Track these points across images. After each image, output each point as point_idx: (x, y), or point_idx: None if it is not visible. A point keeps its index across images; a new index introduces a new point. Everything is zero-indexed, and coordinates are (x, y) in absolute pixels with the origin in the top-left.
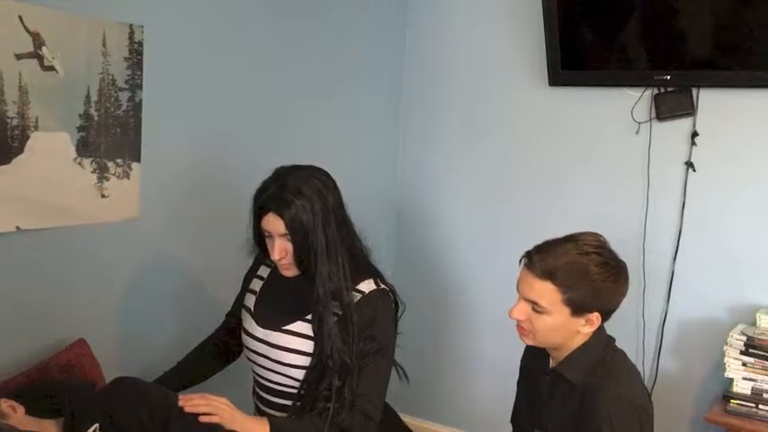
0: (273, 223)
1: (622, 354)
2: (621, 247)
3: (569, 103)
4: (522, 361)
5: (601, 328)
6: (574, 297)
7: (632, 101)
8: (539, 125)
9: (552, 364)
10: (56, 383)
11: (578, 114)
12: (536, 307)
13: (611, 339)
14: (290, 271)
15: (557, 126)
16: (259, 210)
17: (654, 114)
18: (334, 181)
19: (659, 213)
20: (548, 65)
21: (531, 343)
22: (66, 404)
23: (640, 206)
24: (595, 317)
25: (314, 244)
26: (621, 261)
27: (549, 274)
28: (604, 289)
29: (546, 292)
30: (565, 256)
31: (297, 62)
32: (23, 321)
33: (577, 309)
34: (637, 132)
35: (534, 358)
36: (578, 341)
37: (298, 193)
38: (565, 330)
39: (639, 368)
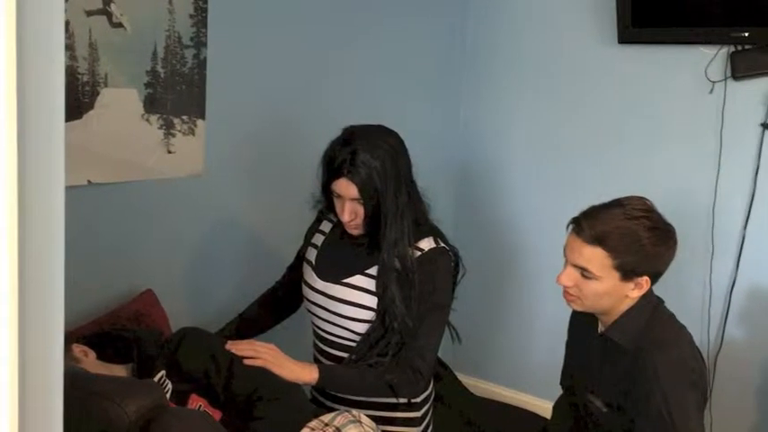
0: (346, 188)
1: (671, 316)
2: (690, 211)
3: (639, 61)
4: (570, 324)
5: (649, 292)
6: (624, 262)
7: (707, 59)
8: (606, 84)
9: (601, 328)
10: (125, 331)
11: (648, 73)
12: (585, 273)
13: (660, 301)
14: (357, 230)
15: (625, 85)
16: (331, 173)
17: (729, 73)
18: (403, 142)
19: (731, 177)
20: (617, 21)
21: (578, 309)
22: (135, 351)
23: (712, 169)
24: (644, 281)
25: (384, 209)
26: (669, 224)
27: (598, 240)
28: (654, 253)
29: (596, 257)
30: (614, 221)
31: (360, 16)
32: (94, 271)
33: (627, 273)
34: (710, 92)
35: (583, 322)
36: (627, 305)
37: (371, 159)
38: (613, 295)
39: (705, 336)
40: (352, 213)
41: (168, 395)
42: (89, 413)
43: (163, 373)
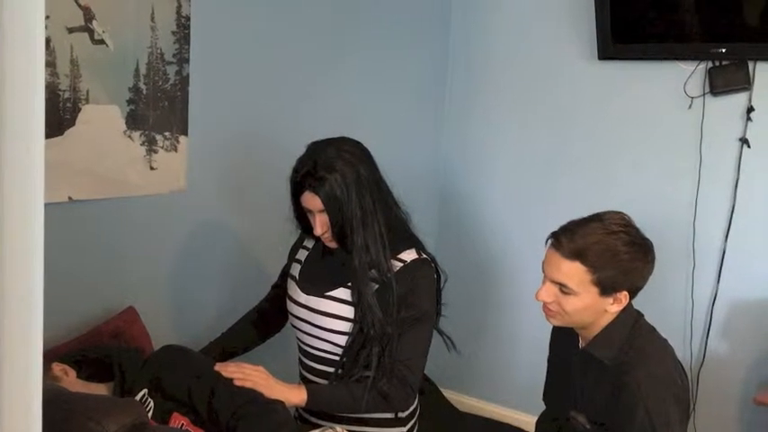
0: (311, 201)
1: (652, 329)
2: (671, 225)
3: (619, 77)
4: (551, 339)
5: (629, 306)
6: (603, 277)
7: (685, 75)
8: (587, 100)
9: (581, 343)
10: (106, 349)
11: (628, 89)
12: (564, 288)
13: (640, 315)
14: (333, 243)
15: (606, 101)
16: (296, 188)
17: (708, 89)
18: (366, 150)
19: (711, 191)
20: (598, 38)
21: (558, 324)
22: (116, 369)
23: (692, 183)
24: (623, 295)
25: (349, 216)
26: (647, 239)
27: (577, 255)
28: (633, 268)
29: (575, 272)
30: (592, 236)
31: (342, 37)
32: (75, 289)
33: (606, 288)
34: (689, 107)
35: (563, 337)
36: (606, 320)
37: (330, 169)
38: (593, 310)
39: (687, 349)
40: (324, 225)
41: (150, 413)
42: None
43: (145, 391)
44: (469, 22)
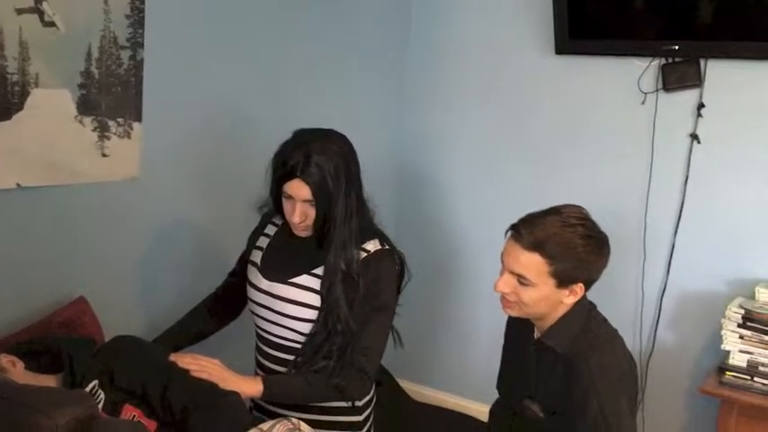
0: (299, 189)
1: (604, 320)
2: (623, 218)
3: (575, 72)
4: (506, 329)
5: (583, 297)
6: (560, 269)
7: (639, 71)
8: (544, 94)
9: (537, 333)
10: (56, 340)
11: (584, 84)
12: (522, 279)
13: (593, 306)
14: (305, 232)
15: (562, 95)
16: (284, 174)
17: (660, 85)
18: (352, 146)
19: (662, 185)
20: (555, 33)
21: (515, 314)
22: (66, 360)
23: (643, 177)
24: (579, 287)
25: (334, 212)
26: (603, 233)
27: (536, 246)
28: (588, 261)
29: (533, 263)
30: (551, 228)
31: (301, 22)
32: (24, 278)
33: (563, 280)
34: (642, 103)
35: (518, 328)
36: (561, 311)
37: (325, 161)
38: (549, 302)
39: (637, 339)
40: (302, 215)
41: (100, 405)
42: (17, 425)
43: (95, 382)
44: (430, 16)
